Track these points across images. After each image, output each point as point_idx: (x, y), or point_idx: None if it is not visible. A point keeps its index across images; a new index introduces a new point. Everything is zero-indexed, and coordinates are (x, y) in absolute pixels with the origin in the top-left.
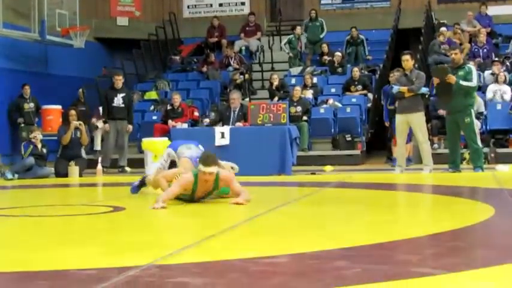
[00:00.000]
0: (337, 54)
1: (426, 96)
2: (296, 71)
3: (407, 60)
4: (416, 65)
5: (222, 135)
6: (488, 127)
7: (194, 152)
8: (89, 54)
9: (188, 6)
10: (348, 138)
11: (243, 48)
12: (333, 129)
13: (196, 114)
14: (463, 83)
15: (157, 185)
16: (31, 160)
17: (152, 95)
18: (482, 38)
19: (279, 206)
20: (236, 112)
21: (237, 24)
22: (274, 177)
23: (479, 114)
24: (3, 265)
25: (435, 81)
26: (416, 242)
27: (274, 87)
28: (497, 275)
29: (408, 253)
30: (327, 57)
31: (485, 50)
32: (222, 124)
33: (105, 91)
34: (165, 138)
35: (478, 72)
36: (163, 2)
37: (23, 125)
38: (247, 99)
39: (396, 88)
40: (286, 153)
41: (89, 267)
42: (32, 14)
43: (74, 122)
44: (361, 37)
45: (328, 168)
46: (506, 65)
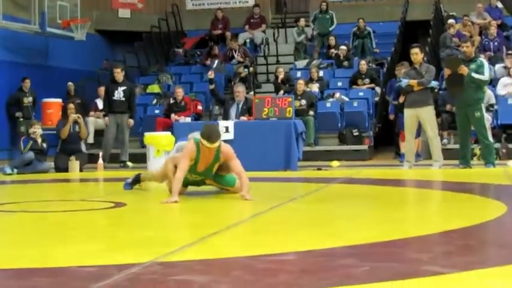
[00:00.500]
0: (342, 48)
1: (436, 90)
2: (302, 64)
3: (416, 53)
4: (425, 58)
5: (226, 130)
6: (499, 122)
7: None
8: (90, 46)
9: None
10: (355, 133)
11: (248, 40)
12: (339, 124)
13: (199, 107)
14: (475, 75)
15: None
16: (31, 155)
17: (154, 88)
18: (493, 30)
19: (284, 203)
20: (240, 106)
21: (242, 16)
22: (280, 173)
23: (489, 106)
24: (2, 262)
25: (446, 72)
26: (427, 239)
27: (279, 81)
28: (510, 274)
29: (418, 251)
30: (333, 50)
31: (495, 43)
32: (223, 117)
33: (106, 84)
34: (168, 133)
35: (489, 65)
36: None
37: (21, 119)
38: (251, 93)
39: (405, 81)
40: (292, 148)
41: (89, 264)
42: (32, 5)
43: (72, 115)
44: (368, 29)
45: (334, 163)
46: None
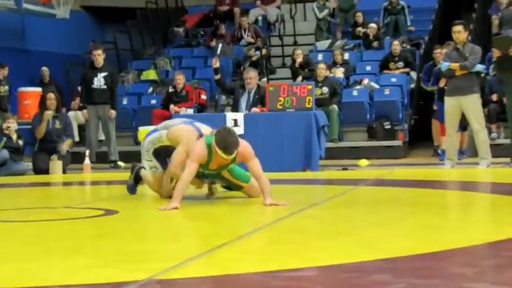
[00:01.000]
0: (372, 26)
1: (482, 75)
2: (323, 45)
3: (459, 31)
4: (469, 37)
5: (235, 123)
6: None
7: (183, 120)
8: (74, 26)
9: None
10: (387, 126)
11: (260, 18)
12: (368, 116)
13: (203, 97)
14: None
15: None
16: (5, 154)
17: (150, 74)
18: None
19: (304, 209)
20: (252, 95)
21: None
22: (298, 174)
23: None
24: None
25: (495, 53)
26: (472, 251)
27: (297, 65)
28: None
29: (462, 265)
30: (361, 29)
31: None
32: (232, 109)
33: (84, 71)
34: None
35: None
36: None
37: None
38: (264, 80)
39: (446, 65)
40: (312, 144)
41: (74, 283)
42: None
43: (47, 113)
44: (402, 4)
45: (363, 162)
46: None
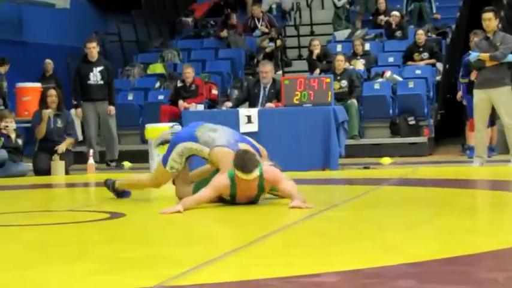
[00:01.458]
0: (395, 14)
1: None
2: (342, 35)
3: (489, 19)
4: (500, 25)
5: (248, 120)
6: None
7: (226, 134)
8: (75, 16)
9: None
10: (411, 122)
11: (274, 6)
12: (391, 110)
13: (214, 92)
14: None
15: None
16: (3, 154)
17: (157, 68)
18: None
19: (323, 210)
20: (267, 89)
21: None
22: (317, 173)
23: None
24: None
25: None
26: (503, 255)
27: (314, 57)
28: None
29: (492, 270)
30: (383, 17)
31: None
32: (249, 105)
33: (78, 66)
34: (175, 124)
35: None
36: None
37: (2, 107)
38: (279, 73)
39: (475, 55)
40: (332, 142)
41: None
42: None
43: (45, 112)
44: None
45: (385, 160)
46: None
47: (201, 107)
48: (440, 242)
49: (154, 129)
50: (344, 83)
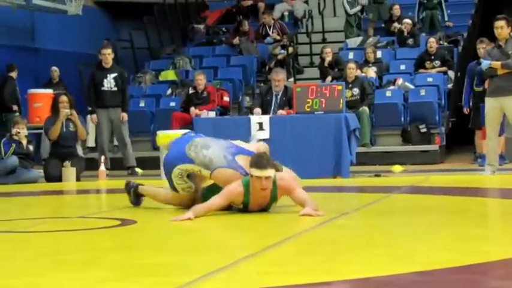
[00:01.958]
0: (407, 22)
1: None
2: (354, 42)
3: (501, 27)
4: None
5: (260, 127)
6: None
7: (221, 149)
8: (87, 22)
9: None
10: (423, 130)
11: (286, 13)
12: (402, 118)
13: (226, 99)
14: None
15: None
16: (14, 160)
17: (169, 75)
18: None
19: (334, 218)
20: (279, 97)
21: None
22: (328, 181)
23: None
24: None
25: None
26: None
27: (326, 64)
28: None
29: (504, 278)
30: (397, 24)
31: None
32: (263, 112)
33: (92, 72)
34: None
35: None
36: None
37: (18, 113)
38: (291, 80)
39: (486, 63)
40: (343, 149)
41: None
42: None
43: (64, 110)
44: None
45: (397, 168)
46: None
47: (212, 114)
48: (451, 250)
49: (166, 136)
50: (356, 91)
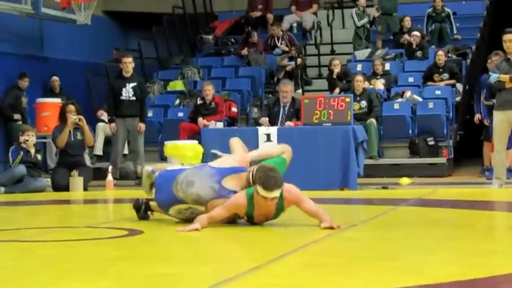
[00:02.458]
0: (415, 34)
1: None
2: (363, 54)
3: (510, 40)
4: None
5: (267, 138)
6: None
7: (206, 182)
8: (96, 32)
9: None
10: (431, 142)
11: (295, 25)
12: (410, 130)
13: (234, 110)
14: None
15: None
16: (22, 169)
17: (178, 85)
18: None
19: (341, 230)
20: (287, 108)
21: None
22: (335, 193)
23: None
24: None
25: None
26: None
27: (334, 76)
28: None
29: None
30: (407, 37)
31: None
32: (270, 123)
33: (111, 81)
34: (194, 141)
35: None
36: None
37: (20, 122)
38: (299, 91)
39: (495, 76)
40: (351, 161)
41: None
42: None
43: (72, 117)
44: (447, 11)
45: (404, 181)
46: None
47: (220, 125)
48: (458, 264)
49: (174, 146)
50: (364, 104)
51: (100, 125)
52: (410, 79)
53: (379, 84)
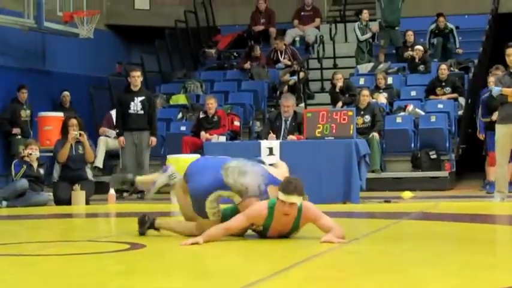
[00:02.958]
0: (418, 48)
1: None
2: (365, 68)
3: None
4: None
5: (270, 152)
6: None
7: (257, 178)
8: (98, 46)
9: None
10: (433, 156)
11: (297, 39)
12: (413, 144)
13: (236, 123)
14: None
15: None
16: (24, 183)
17: (180, 99)
18: None
19: (343, 244)
20: (289, 122)
21: (290, 8)
22: (338, 206)
23: None
24: None
25: None
26: None
27: (337, 90)
28: None
29: None
30: (410, 52)
31: None
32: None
33: (119, 94)
34: (197, 155)
35: None
36: None
37: (19, 137)
38: (302, 105)
39: (497, 90)
40: (353, 175)
41: None
42: None
43: (73, 133)
44: (450, 27)
45: (406, 194)
46: None
47: (223, 139)
48: (460, 277)
49: (176, 160)
50: (367, 118)
51: (102, 138)
52: (413, 93)
53: (382, 98)
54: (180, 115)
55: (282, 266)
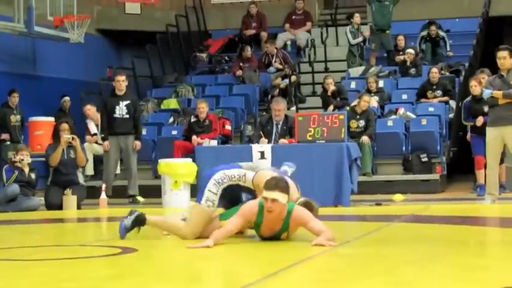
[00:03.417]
0: (409, 52)
1: None
2: (357, 72)
3: (504, 57)
4: None
5: (261, 155)
6: None
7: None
8: (89, 50)
9: None
10: (424, 159)
11: (289, 43)
12: (404, 147)
13: (228, 127)
14: None
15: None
16: (15, 188)
17: (171, 103)
18: None
19: (335, 246)
20: (280, 126)
21: (281, 12)
22: (329, 209)
23: None
24: None
25: None
26: None
27: (328, 93)
28: None
29: None
30: (401, 57)
31: None
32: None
33: (105, 99)
34: (188, 160)
35: None
36: None
37: (8, 142)
38: (293, 109)
39: (488, 92)
40: (344, 178)
41: None
42: None
43: (65, 136)
44: (442, 34)
45: (398, 197)
46: None
47: (214, 143)
48: (451, 279)
49: (168, 165)
50: (362, 123)
51: (86, 145)
52: (404, 96)
53: (373, 101)
54: (171, 119)
55: (274, 269)
